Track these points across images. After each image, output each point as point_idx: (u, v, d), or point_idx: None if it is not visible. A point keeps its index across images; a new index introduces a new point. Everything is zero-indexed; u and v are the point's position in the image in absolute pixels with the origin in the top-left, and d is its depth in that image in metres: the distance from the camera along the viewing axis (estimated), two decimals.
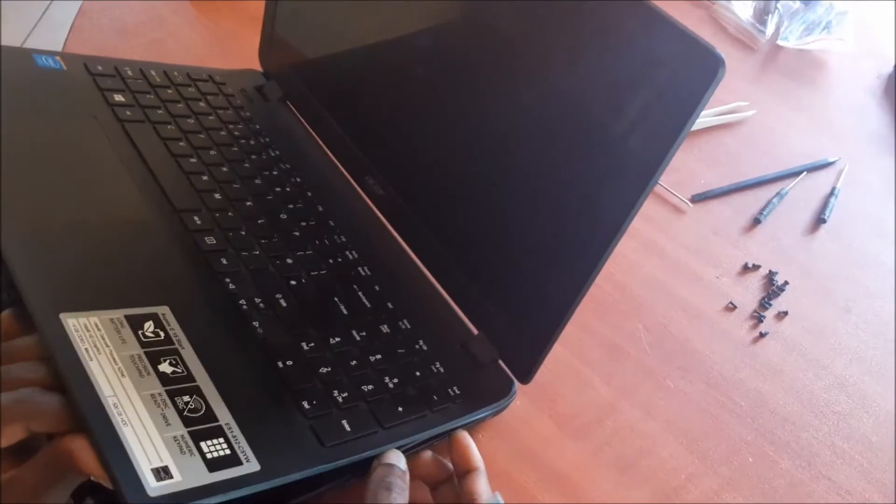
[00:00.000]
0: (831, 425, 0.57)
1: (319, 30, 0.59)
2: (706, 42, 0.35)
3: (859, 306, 0.67)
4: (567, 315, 0.43)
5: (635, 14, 0.37)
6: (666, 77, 0.37)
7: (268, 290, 0.44)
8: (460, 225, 0.50)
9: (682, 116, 0.35)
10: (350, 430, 0.39)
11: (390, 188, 0.54)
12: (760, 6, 0.98)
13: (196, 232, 0.45)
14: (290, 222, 0.51)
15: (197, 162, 0.51)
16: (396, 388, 0.43)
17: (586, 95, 0.40)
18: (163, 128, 0.52)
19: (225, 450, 0.33)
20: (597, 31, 0.40)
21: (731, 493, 0.50)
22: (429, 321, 0.50)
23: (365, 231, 0.54)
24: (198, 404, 0.35)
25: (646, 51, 0.37)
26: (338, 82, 0.59)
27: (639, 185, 0.38)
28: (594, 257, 0.40)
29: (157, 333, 0.37)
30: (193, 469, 0.32)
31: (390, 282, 0.51)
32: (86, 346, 0.34)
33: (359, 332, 0.45)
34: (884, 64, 1.02)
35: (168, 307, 0.39)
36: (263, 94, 0.62)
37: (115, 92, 0.53)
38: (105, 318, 0.36)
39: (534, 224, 0.45)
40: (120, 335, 0.36)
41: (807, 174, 0.79)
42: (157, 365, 0.35)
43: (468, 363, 0.49)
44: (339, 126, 0.58)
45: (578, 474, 0.49)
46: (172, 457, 0.32)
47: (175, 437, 0.33)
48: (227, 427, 0.35)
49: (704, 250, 0.68)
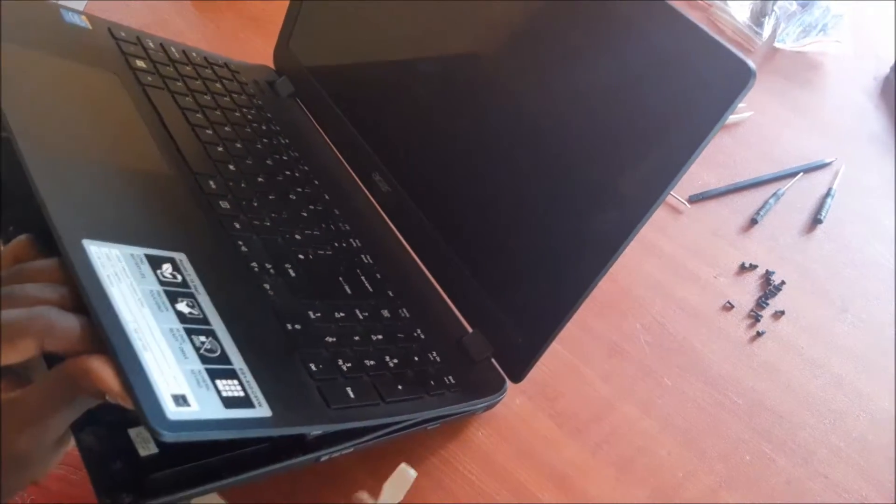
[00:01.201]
0: (828, 424, 0.57)
1: (340, 32, 0.60)
2: (738, 52, 0.35)
3: (855, 306, 0.67)
4: (567, 317, 0.43)
5: (668, 21, 0.38)
6: (697, 84, 0.37)
7: (278, 259, 0.45)
8: (466, 225, 0.50)
9: (709, 122, 0.36)
10: (354, 398, 0.39)
11: (397, 185, 0.54)
12: (757, 8, 0.99)
13: (211, 195, 0.46)
14: (298, 203, 0.52)
15: (213, 134, 0.52)
16: (396, 368, 0.44)
17: (612, 99, 0.41)
18: (181, 98, 0.53)
19: (239, 391, 0.33)
20: (628, 35, 0.40)
21: (728, 490, 0.51)
22: (426, 314, 0.50)
23: (367, 226, 0.55)
24: (213, 346, 0.35)
25: (678, 57, 0.37)
26: (353, 82, 0.59)
27: (655, 191, 0.38)
28: (600, 263, 0.40)
29: (175, 276, 0.37)
30: (210, 402, 0.32)
31: (391, 272, 0.51)
32: (107, 273, 0.34)
33: (362, 311, 0.46)
34: (880, 66, 1.02)
35: (185, 254, 0.39)
36: (275, 89, 0.63)
37: (137, 58, 0.54)
38: (126, 251, 0.36)
39: (541, 227, 0.45)
40: (140, 270, 0.36)
41: (803, 175, 0.79)
42: (175, 304, 0.35)
43: (462, 358, 0.49)
44: (351, 124, 0.58)
45: (577, 472, 0.49)
46: (190, 387, 0.32)
47: (193, 371, 0.32)
48: (241, 372, 0.35)
49: (702, 250, 0.68)
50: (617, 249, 0.40)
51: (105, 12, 0.71)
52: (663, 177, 0.37)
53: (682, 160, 0.37)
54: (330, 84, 0.61)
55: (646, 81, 0.39)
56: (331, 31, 0.61)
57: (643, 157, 0.39)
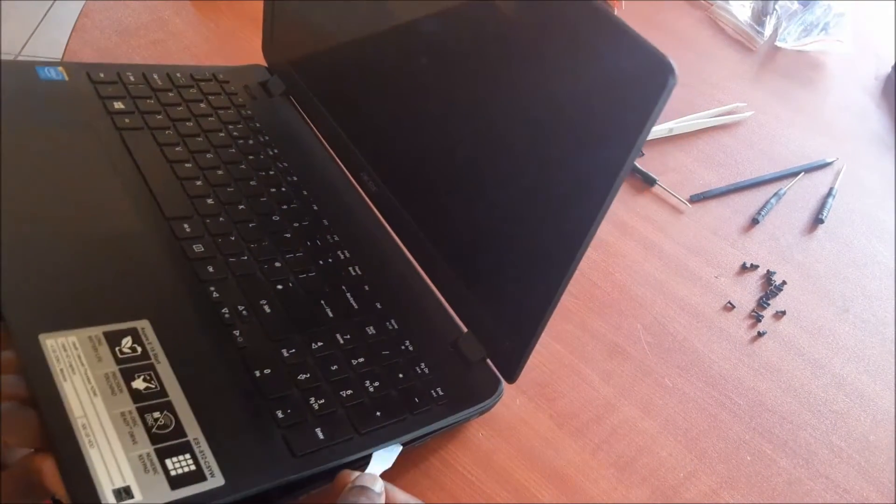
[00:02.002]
0: (829, 424, 0.57)
1: (315, 26, 0.59)
2: (656, 49, 0.33)
3: (857, 306, 0.67)
4: (546, 315, 0.43)
5: (588, 19, 0.36)
6: (620, 85, 0.36)
7: (253, 297, 0.45)
8: (447, 223, 0.50)
9: (636, 126, 0.34)
10: (323, 438, 0.39)
11: (382, 185, 0.54)
12: (759, 7, 0.99)
13: (185, 240, 0.46)
14: (282, 224, 0.51)
15: (192, 167, 0.52)
16: (376, 392, 0.44)
17: (551, 100, 0.40)
18: (160, 133, 0.53)
19: (190, 465, 0.34)
20: (553, 35, 0.39)
21: (729, 491, 0.51)
22: (418, 320, 0.50)
23: (360, 229, 0.55)
24: (168, 420, 0.36)
25: (601, 56, 0.37)
26: (333, 79, 0.59)
27: (602, 191, 0.37)
28: (566, 259, 0.40)
29: (135, 349, 0.38)
30: (155, 487, 0.33)
31: (381, 281, 0.51)
32: (61, 367, 0.35)
33: (343, 335, 0.46)
34: (882, 65, 1.02)
35: (148, 321, 0.40)
36: (267, 89, 0.63)
37: (115, 99, 0.54)
38: (84, 335, 0.37)
39: (511, 225, 0.45)
40: (97, 353, 0.37)
41: (804, 175, 0.79)
42: (131, 382, 0.36)
43: (457, 362, 0.49)
44: (335, 122, 0.58)
45: (577, 473, 0.49)
46: (136, 476, 0.33)
47: (140, 456, 0.34)
48: (195, 442, 0.35)
49: (703, 250, 0.68)
50: (581, 244, 0.39)
51: (105, 12, 0.71)
52: (606, 177, 0.37)
53: (620, 161, 0.36)
54: (312, 79, 0.61)
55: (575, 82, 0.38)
56: (304, 25, 0.60)
57: (586, 159, 0.39)
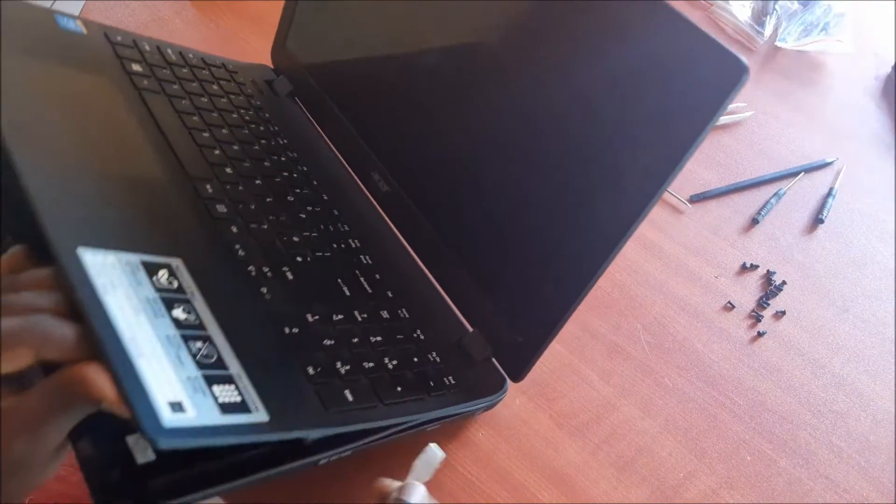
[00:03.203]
0: (829, 424, 0.57)
1: (336, 30, 0.60)
2: (731, 48, 0.35)
3: (857, 306, 0.67)
4: (567, 315, 0.43)
5: (663, 19, 0.37)
6: (691, 81, 0.37)
7: (275, 262, 0.44)
8: (464, 224, 0.50)
9: (702, 120, 0.36)
10: (352, 401, 0.39)
11: (396, 184, 0.54)
12: (759, 7, 0.99)
13: (208, 199, 0.46)
14: (296, 205, 0.51)
15: (209, 137, 0.51)
16: (395, 370, 0.44)
17: (607, 98, 0.40)
18: (177, 101, 0.53)
19: (236, 397, 0.33)
20: (623, 33, 0.40)
21: (729, 491, 0.51)
22: (426, 314, 0.50)
23: (367, 225, 0.55)
24: (210, 352, 0.35)
25: (671, 54, 0.37)
26: (351, 81, 0.59)
27: (652, 187, 0.38)
28: (598, 260, 0.40)
29: (171, 282, 0.37)
30: (207, 408, 0.32)
31: (390, 273, 0.51)
32: (102, 282, 0.33)
33: (360, 313, 0.46)
34: (882, 65, 1.02)
35: (181, 260, 0.39)
36: (273, 88, 0.63)
37: (133, 62, 0.53)
38: (122, 258, 0.36)
39: (540, 226, 0.45)
40: (136, 277, 0.35)
41: (804, 175, 0.79)
42: (171, 310, 0.35)
43: (462, 358, 0.49)
44: (350, 122, 0.58)
45: (577, 473, 0.49)
46: (187, 394, 0.31)
47: (189, 377, 0.32)
48: (238, 377, 0.34)
49: (703, 250, 0.68)
50: (615, 247, 0.40)
51: (105, 12, 0.71)
52: (658, 175, 0.37)
53: (676, 158, 0.36)
54: (327, 82, 0.61)
55: (640, 80, 0.39)
56: (327, 29, 0.60)
57: (639, 156, 0.39)
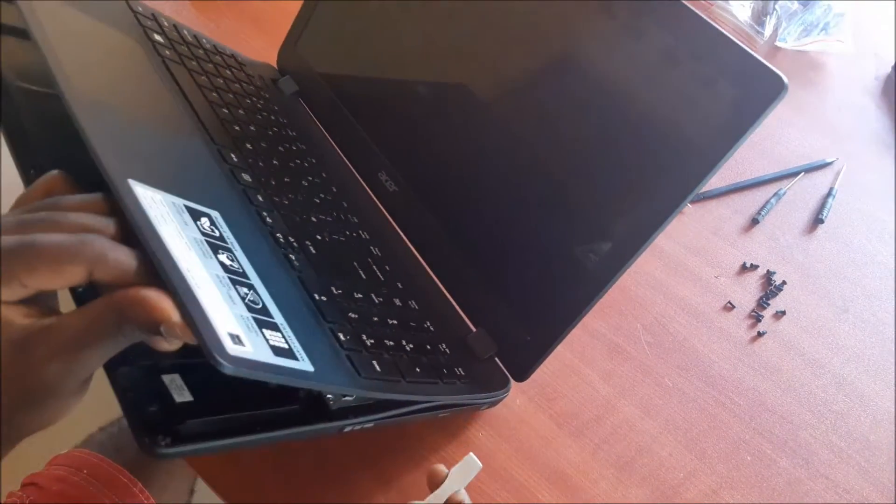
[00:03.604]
0: (829, 424, 0.57)
1: (353, 35, 0.60)
2: (770, 66, 0.36)
3: (856, 306, 0.67)
4: (579, 317, 0.43)
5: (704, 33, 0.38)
6: (728, 95, 0.37)
7: (299, 235, 0.45)
8: (476, 226, 0.50)
9: (736, 134, 0.37)
10: (380, 371, 0.39)
11: (405, 185, 0.54)
12: (759, 7, 0.99)
13: (234, 167, 0.46)
14: (311, 190, 0.52)
15: (229, 114, 0.52)
16: (412, 352, 0.44)
17: (641, 106, 0.41)
18: (198, 76, 0.53)
19: (283, 343, 0.33)
20: (665, 45, 0.40)
21: (729, 491, 0.51)
22: (432, 310, 0.51)
23: (373, 222, 0.55)
24: (255, 298, 0.34)
25: (712, 69, 0.38)
26: (363, 84, 0.60)
27: (676, 198, 0.38)
28: (614, 269, 0.41)
29: (213, 230, 0.37)
30: (261, 347, 0.31)
31: (397, 269, 0.52)
32: (154, 213, 0.33)
33: (377, 296, 0.46)
34: (882, 65, 1.02)
35: (219, 213, 0.39)
36: (279, 87, 0.64)
37: (155, 32, 0.54)
38: (168, 199, 0.35)
39: (558, 231, 0.45)
40: (182, 218, 0.35)
41: (804, 175, 0.79)
42: (217, 254, 0.35)
43: (466, 355, 0.49)
44: (359, 124, 0.58)
45: (577, 472, 0.49)
46: (242, 330, 0.31)
47: (242, 316, 0.32)
48: (282, 326, 0.34)
49: (703, 250, 0.68)
50: (633, 256, 0.40)
51: None
52: (685, 187, 0.38)
53: (705, 171, 0.37)
54: (338, 85, 0.61)
55: (676, 91, 0.39)
56: (343, 34, 0.61)
57: (668, 167, 0.39)
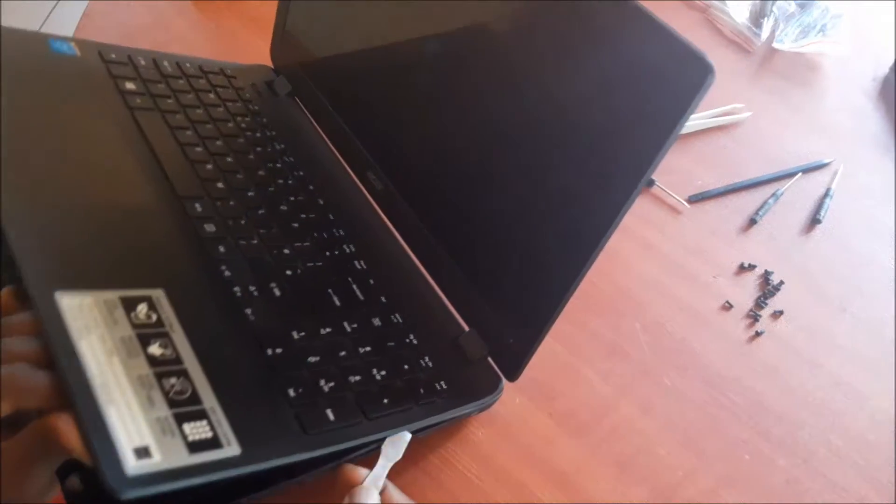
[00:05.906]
0: (827, 423, 0.57)
1: (329, 28, 0.60)
2: (697, 48, 0.35)
3: (854, 305, 0.67)
4: (555, 314, 0.43)
5: (628, 17, 0.37)
6: (657, 81, 0.37)
7: (263, 279, 0.45)
8: (455, 222, 0.50)
9: (671, 120, 0.36)
10: (334, 420, 0.39)
11: (389, 183, 0.54)
12: (756, 9, 0.99)
13: (196, 219, 0.46)
14: (290, 214, 0.52)
15: (202, 151, 0.52)
16: (384, 381, 0.44)
17: (579, 96, 0.41)
18: (171, 116, 0.53)
19: (207, 433, 0.34)
20: (589, 32, 0.40)
21: (727, 490, 0.51)
22: (421, 316, 0.50)
23: (364, 226, 0.55)
24: (184, 387, 0.35)
25: (638, 54, 0.37)
26: (344, 79, 0.59)
27: (627, 187, 0.38)
28: (582, 258, 0.41)
29: (150, 316, 0.37)
30: (174, 450, 0.32)
31: (385, 276, 0.51)
32: (78, 325, 0.34)
33: (350, 323, 0.46)
34: (879, 66, 1.03)
35: (163, 290, 0.39)
36: (273, 89, 0.63)
37: (126, 80, 0.54)
38: (99, 298, 0.36)
39: (525, 223, 0.45)
40: (113, 316, 0.36)
41: (802, 175, 0.79)
42: (147, 347, 0.36)
43: (457, 359, 0.49)
44: (343, 121, 0.58)
45: (577, 472, 0.49)
46: (154, 437, 0.32)
47: (159, 418, 0.33)
48: (212, 410, 0.35)
49: (701, 250, 0.68)
50: (597, 244, 0.40)
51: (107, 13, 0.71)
52: (633, 176, 0.37)
53: (649, 159, 0.36)
54: (321, 80, 0.61)
55: (611, 81, 0.39)
56: (318, 27, 0.61)
57: (614, 157, 0.39)
